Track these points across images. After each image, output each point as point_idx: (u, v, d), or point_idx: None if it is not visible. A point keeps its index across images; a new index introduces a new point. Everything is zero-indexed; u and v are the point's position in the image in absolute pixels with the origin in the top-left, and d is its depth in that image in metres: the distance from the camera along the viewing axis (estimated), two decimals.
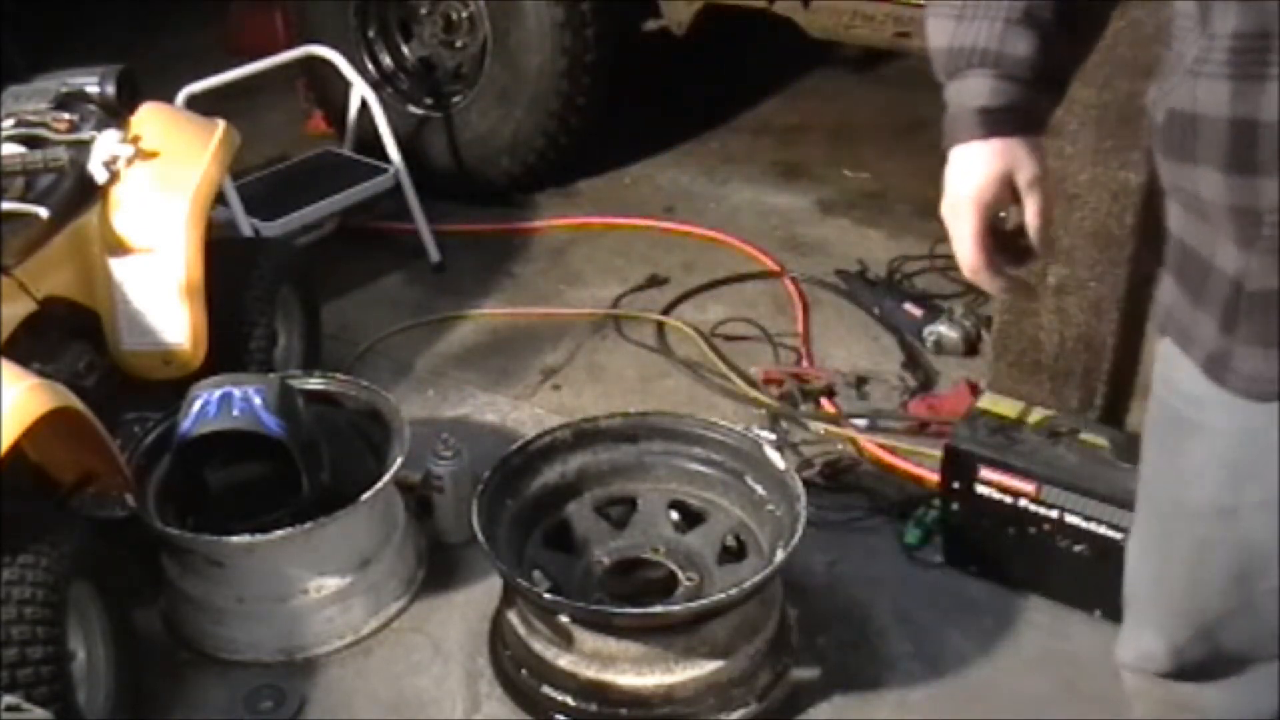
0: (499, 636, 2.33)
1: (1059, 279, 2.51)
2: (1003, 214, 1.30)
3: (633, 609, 2.18)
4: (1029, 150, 1.25)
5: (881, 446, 2.82)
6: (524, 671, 2.23)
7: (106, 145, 2.53)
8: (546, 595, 2.15)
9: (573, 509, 2.41)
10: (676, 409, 2.72)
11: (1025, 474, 2.34)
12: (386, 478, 2.39)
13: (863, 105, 4.49)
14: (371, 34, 3.98)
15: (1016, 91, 1.24)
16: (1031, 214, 1.27)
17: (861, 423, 2.90)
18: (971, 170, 1.26)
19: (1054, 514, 2.34)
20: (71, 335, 2.52)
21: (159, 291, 2.56)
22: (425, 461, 2.56)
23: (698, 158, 4.25)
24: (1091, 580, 2.32)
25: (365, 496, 2.34)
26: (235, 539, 2.27)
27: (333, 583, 2.38)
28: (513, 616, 2.25)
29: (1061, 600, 2.40)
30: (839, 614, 2.43)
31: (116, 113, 2.65)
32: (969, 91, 1.25)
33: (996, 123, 1.25)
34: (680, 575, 2.28)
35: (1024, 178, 1.25)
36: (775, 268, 3.58)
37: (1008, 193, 1.26)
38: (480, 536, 2.17)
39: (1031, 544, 2.38)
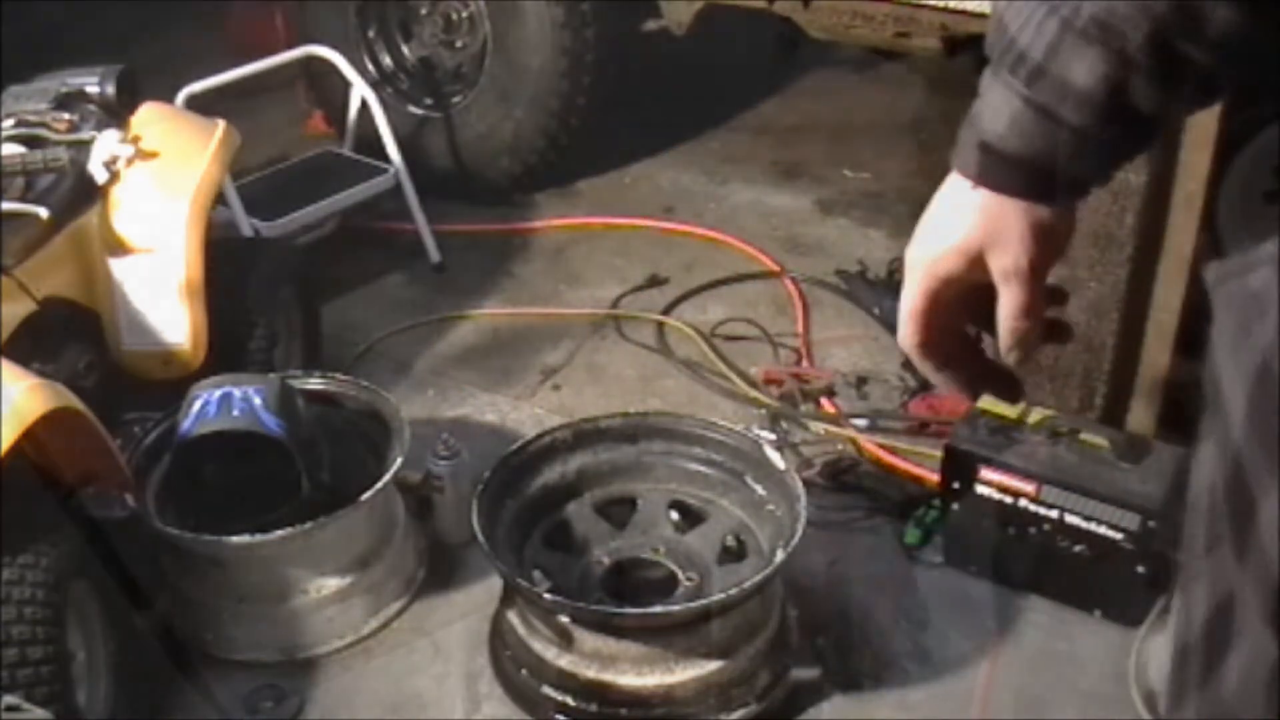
0: (499, 636, 2.33)
1: (1058, 279, 2.51)
2: None
3: (633, 609, 2.18)
4: (1026, 226, 0.87)
5: (881, 446, 2.83)
6: (524, 671, 2.23)
7: (106, 145, 2.53)
8: (546, 595, 2.15)
9: (573, 509, 2.41)
10: (676, 409, 2.73)
11: (1025, 474, 2.34)
12: (386, 478, 2.39)
13: (863, 105, 4.49)
14: (371, 34, 3.98)
15: (1042, 136, 0.85)
16: (1001, 313, 0.91)
17: (861, 423, 2.90)
18: (939, 221, 0.91)
19: (1054, 514, 2.34)
20: (71, 335, 2.52)
21: (159, 291, 2.56)
22: (425, 461, 2.56)
23: (698, 158, 4.25)
24: (1091, 580, 2.33)
25: (365, 496, 2.34)
26: (235, 539, 2.27)
27: (333, 583, 2.38)
28: (513, 616, 2.25)
29: (1061, 600, 2.40)
30: (839, 614, 2.43)
31: (116, 113, 2.65)
32: (987, 104, 0.87)
33: (992, 171, 0.87)
34: (680, 575, 2.27)
35: (999, 263, 0.89)
36: (775, 268, 3.58)
37: (977, 271, 0.90)
38: (480, 536, 2.17)
39: (1031, 544, 2.38)
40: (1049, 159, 0.85)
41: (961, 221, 0.89)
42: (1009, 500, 2.37)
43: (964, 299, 0.92)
